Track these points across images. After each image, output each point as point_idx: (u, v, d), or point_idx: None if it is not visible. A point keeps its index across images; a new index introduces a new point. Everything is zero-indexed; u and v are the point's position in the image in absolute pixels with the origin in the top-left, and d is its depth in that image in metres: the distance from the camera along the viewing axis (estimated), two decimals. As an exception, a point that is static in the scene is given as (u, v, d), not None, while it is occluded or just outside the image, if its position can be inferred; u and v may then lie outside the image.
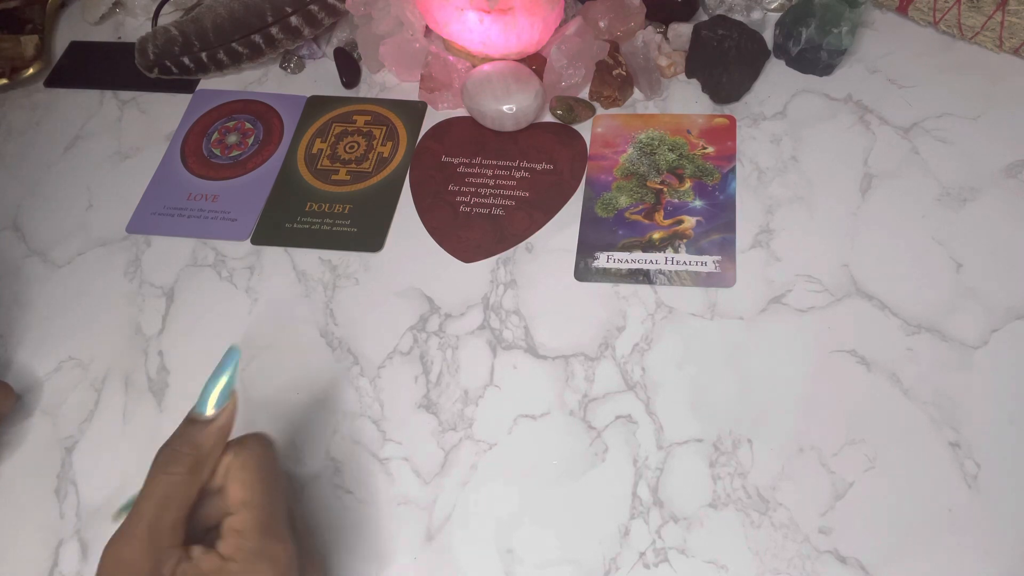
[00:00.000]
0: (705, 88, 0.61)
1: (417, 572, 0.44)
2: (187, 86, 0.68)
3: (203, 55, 0.65)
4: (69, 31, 0.74)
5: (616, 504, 0.45)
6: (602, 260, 0.54)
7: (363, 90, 0.66)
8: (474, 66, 0.62)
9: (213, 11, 0.64)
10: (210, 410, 0.38)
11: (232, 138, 0.64)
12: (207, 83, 0.68)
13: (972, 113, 0.57)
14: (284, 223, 0.59)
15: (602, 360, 0.50)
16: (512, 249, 0.55)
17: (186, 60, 0.65)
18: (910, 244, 0.52)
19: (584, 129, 0.61)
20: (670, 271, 0.53)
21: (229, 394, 0.38)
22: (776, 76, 0.62)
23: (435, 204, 0.58)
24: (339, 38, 0.69)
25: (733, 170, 0.57)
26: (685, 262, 0.53)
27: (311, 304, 0.55)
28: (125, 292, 0.57)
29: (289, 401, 0.51)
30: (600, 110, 0.62)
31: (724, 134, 0.59)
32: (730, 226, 0.54)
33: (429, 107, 0.64)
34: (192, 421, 0.38)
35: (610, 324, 0.51)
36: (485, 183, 0.59)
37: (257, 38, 0.64)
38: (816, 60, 0.60)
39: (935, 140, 0.57)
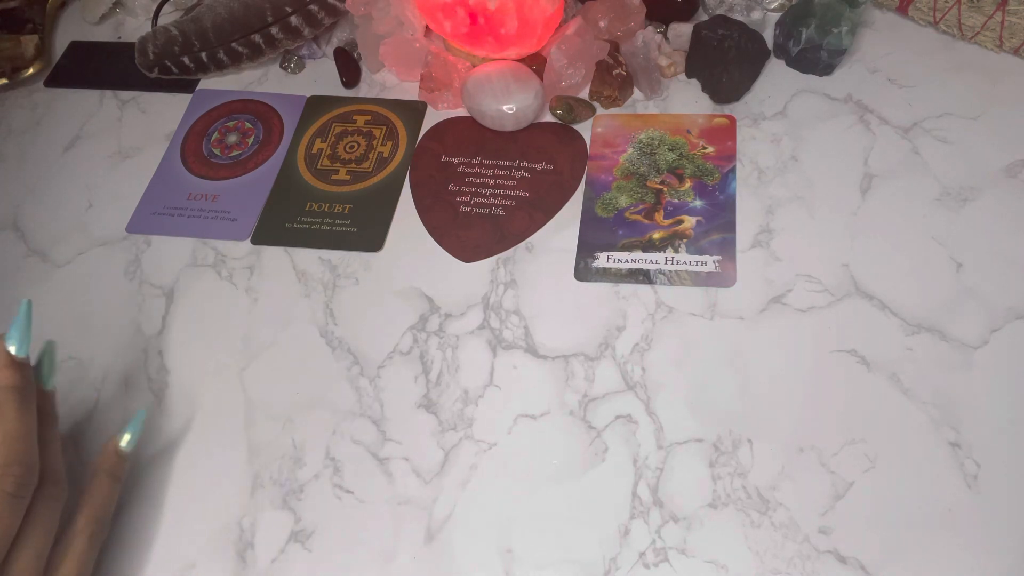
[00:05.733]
0: (705, 88, 0.61)
1: (417, 572, 0.44)
2: (187, 86, 0.68)
3: (203, 55, 0.65)
4: (69, 31, 0.74)
5: (616, 504, 0.45)
6: (602, 260, 0.54)
7: (363, 90, 0.66)
8: (474, 66, 0.62)
9: (213, 11, 0.64)
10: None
11: (232, 138, 0.64)
12: (207, 83, 0.68)
13: (972, 113, 0.57)
14: (284, 223, 0.59)
15: (602, 360, 0.50)
16: (512, 249, 0.55)
17: (186, 60, 0.65)
18: (910, 244, 0.52)
19: (584, 129, 0.61)
20: (670, 271, 0.53)
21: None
22: (776, 76, 0.62)
23: (435, 204, 0.58)
24: (339, 38, 0.69)
25: (733, 170, 0.57)
26: (685, 262, 0.53)
27: (311, 304, 0.54)
28: (125, 292, 0.57)
29: (289, 401, 0.51)
30: (600, 110, 0.62)
31: (724, 134, 0.59)
32: (730, 226, 0.54)
33: (429, 107, 0.64)
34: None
35: (610, 324, 0.51)
36: (485, 183, 0.59)
37: (257, 38, 0.64)
38: (816, 60, 0.60)
39: (935, 140, 0.57)
